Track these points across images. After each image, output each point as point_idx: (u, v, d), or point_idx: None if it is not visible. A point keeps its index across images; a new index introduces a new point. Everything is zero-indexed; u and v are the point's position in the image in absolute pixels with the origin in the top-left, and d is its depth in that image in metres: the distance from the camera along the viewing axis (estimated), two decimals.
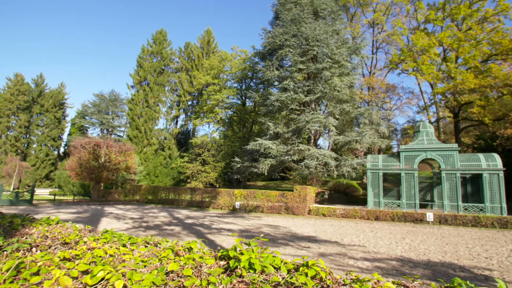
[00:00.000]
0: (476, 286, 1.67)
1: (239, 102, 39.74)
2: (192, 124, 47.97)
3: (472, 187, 22.25)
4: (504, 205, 18.81)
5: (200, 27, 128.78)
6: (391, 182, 28.03)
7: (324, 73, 25.50)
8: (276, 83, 29.79)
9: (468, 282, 1.72)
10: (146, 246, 2.80)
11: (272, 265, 2.03)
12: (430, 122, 31.21)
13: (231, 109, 39.32)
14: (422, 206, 22.38)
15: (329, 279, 1.86)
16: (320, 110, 27.94)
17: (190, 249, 2.56)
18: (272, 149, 25.10)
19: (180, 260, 2.19)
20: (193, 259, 2.18)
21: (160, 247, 2.73)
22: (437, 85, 31.09)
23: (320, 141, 48.06)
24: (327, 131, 27.79)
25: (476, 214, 18.10)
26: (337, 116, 25.85)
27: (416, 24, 35.85)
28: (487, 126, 28.08)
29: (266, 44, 29.28)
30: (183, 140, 51.89)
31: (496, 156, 20.09)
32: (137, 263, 2.18)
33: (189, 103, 52.23)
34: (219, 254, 2.32)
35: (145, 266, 2.13)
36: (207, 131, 57.39)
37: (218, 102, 36.65)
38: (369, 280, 1.80)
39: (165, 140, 48.11)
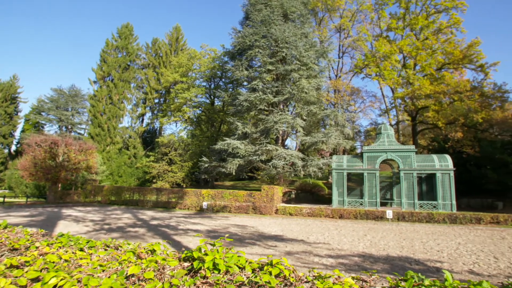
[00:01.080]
0: (427, 278, 1.79)
1: (207, 101, 39.31)
2: (158, 123, 46.59)
3: (427, 185, 23.85)
4: (454, 202, 20.40)
5: (168, 24, 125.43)
6: (355, 182, 29.26)
7: (293, 74, 25.99)
8: (245, 83, 29.88)
9: (419, 274, 1.84)
10: (106, 250, 2.67)
11: (237, 265, 2.03)
12: (390, 124, 33.00)
13: (200, 108, 38.77)
14: (383, 204, 23.58)
15: (292, 277, 1.89)
16: (288, 111, 28.44)
17: (153, 251, 2.48)
18: (240, 149, 25.11)
19: (142, 263, 2.11)
20: (156, 262, 2.12)
21: (121, 250, 2.61)
22: (397, 90, 32.99)
23: (288, 142, 48.86)
24: (294, 132, 28.37)
25: (430, 211, 19.44)
26: (305, 117, 26.47)
27: (379, 31, 37.76)
28: (441, 129, 30.31)
29: (236, 44, 29.24)
30: (149, 139, 50.25)
31: (448, 157, 21.71)
32: (95, 268, 2.07)
33: (156, 101, 50.67)
34: (183, 255, 2.27)
35: (103, 271, 2.02)
36: (174, 130, 56.13)
37: (186, 101, 35.95)
38: (330, 277, 1.85)
39: (130, 138, 46.24)
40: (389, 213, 18.98)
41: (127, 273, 1.91)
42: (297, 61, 26.51)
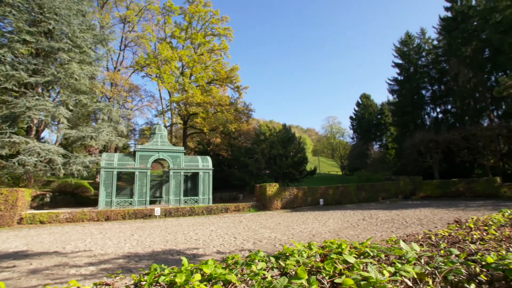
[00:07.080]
0: (169, 267, 2.02)
1: None
2: None
3: (192, 183, 27.22)
4: (211, 196, 24.55)
5: None
6: (126, 181, 28.53)
7: (61, 54, 21.91)
8: None
9: (162, 265, 2.06)
10: None
11: None
12: (165, 126, 34.99)
13: None
14: (152, 202, 24.52)
15: None
16: (49, 96, 23.51)
17: None
18: None
19: None
20: None
21: None
22: (174, 94, 35.57)
23: (46, 134, 40.52)
24: (56, 123, 23.79)
25: (192, 205, 22.31)
26: (71, 107, 22.88)
27: (164, 35, 39.29)
28: (205, 134, 35.58)
29: None
30: None
31: (209, 158, 25.85)
32: None
33: None
34: None
35: None
36: None
37: None
38: None
39: None
40: (157, 210, 20.02)
41: None
42: (68, 40, 22.61)
